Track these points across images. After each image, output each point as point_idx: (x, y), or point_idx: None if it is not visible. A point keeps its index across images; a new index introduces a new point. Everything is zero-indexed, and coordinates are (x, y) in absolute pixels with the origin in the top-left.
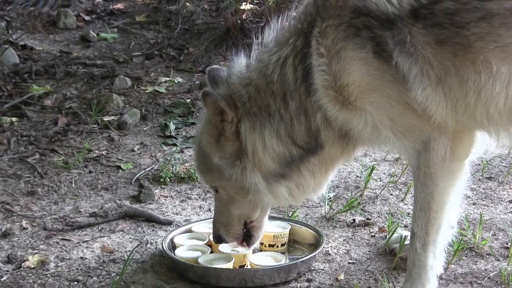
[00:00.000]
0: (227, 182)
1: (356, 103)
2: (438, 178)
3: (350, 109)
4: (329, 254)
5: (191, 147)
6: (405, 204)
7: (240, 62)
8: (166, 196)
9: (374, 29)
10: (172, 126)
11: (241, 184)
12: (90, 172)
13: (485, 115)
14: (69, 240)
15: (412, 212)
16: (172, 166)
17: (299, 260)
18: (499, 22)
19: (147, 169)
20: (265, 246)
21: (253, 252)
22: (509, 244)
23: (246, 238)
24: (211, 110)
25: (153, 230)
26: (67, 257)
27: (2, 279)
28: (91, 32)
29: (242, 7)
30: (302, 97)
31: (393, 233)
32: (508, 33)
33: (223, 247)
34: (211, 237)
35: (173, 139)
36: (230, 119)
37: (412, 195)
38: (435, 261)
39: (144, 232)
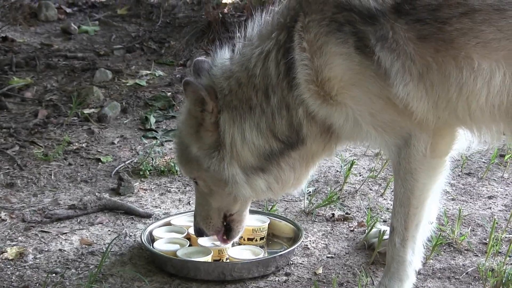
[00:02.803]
0: (206, 173)
1: (337, 98)
2: (418, 174)
3: (331, 104)
4: (308, 248)
5: (171, 141)
6: (384, 199)
7: (223, 55)
8: (146, 189)
9: (356, 24)
10: (152, 119)
11: (219, 175)
12: (70, 164)
13: (467, 112)
14: (48, 232)
15: (391, 207)
16: (152, 159)
17: (278, 254)
18: (481, 18)
19: (127, 162)
20: (244, 239)
21: (232, 245)
22: (487, 239)
23: (226, 232)
24: (192, 99)
25: (132, 223)
26: (46, 249)
27: None
28: (72, 24)
29: (224, 1)
30: (285, 91)
31: (372, 228)
32: (490, 29)
33: (202, 241)
34: (190, 230)
35: (153, 132)
36: (210, 109)
37: (392, 190)
38: (414, 257)
39: (123, 224)
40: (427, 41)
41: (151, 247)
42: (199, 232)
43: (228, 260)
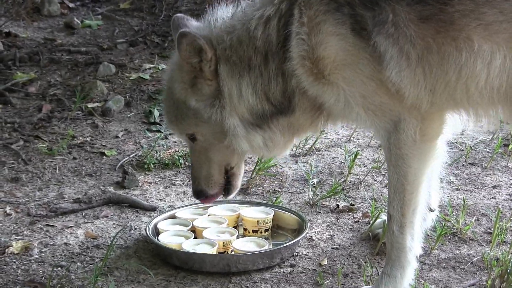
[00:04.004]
0: (205, 126)
1: (329, 77)
2: (410, 159)
3: (323, 82)
4: (313, 240)
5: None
6: None
7: (226, 10)
8: (150, 182)
9: (355, 7)
10: (156, 113)
11: (220, 125)
12: (74, 158)
13: (465, 95)
14: (53, 226)
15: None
16: (156, 152)
17: (283, 246)
18: (483, 0)
19: (131, 156)
20: (249, 231)
21: (237, 237)
22: (492, 229)
23: (226, 188)
24: (187, 52)
25: (137, 216)
26: (51, 243)
27: None
28: (75, 19)
29: None
30: (281, 59)
31: (376, 219)
32: (491, 11)
33: (207, 233)
34: (194, 223)
35: (157, 125)
36: (209, 58)
37: None
38: (414, 243)
39: (128, 218)
40: (428, 22)
41: (156, 240)
42: (200, 193)
43: (233, 252)
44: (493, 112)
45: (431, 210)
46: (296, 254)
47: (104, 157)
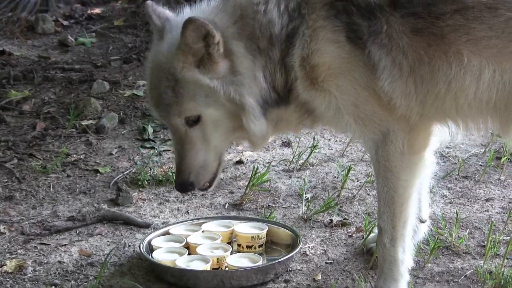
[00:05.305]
0: (217, 105)
1: (323, 84)
2: (399, 171)
3: (316, 89)
4: (307, 255)
5: (169, 150)
6: None
7: None
8: (144, 199)
9: (352, 16)
10: (150, 129)
11: (236, 104)
12: (68, 176)
13: (454, 107)
14: (47, 244)
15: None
16: (150, 169)
17: (277, 261)
18: (473, 16)
19: (125, 173)
20: (243, 247)
21: (231, 253)
22: (485, 242)
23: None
24: (192, 37)
25: (131, 233)
26: (45, 261)
27: None
28: (69, 37)
29: None
30: (284, 51)
31: (370, 233)
32: (481, 26)
33: (201, 250)
34: (188, 239)
35: (151, 142)
36: (216, 41)
37: None
38: (405, 255)
39: (122, 235)
40: (420, 34)
41: (150, 257)
42: (186, 186)
43: (227, 268)
44: (483, 123)
45: (422, 221)
46: (290, 269)
47: (98, 174)
